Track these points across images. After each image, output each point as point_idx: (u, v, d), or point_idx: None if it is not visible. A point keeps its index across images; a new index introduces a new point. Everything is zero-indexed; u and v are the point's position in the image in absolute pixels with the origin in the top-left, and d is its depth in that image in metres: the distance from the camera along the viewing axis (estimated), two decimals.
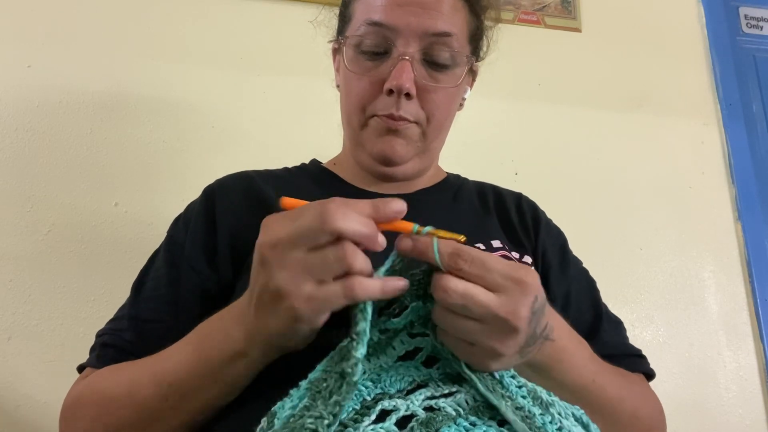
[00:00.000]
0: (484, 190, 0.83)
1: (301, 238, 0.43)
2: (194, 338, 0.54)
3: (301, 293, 0.43)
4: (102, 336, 0.65)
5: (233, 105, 1.24)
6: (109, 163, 1.15)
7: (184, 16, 1.27)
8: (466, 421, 0.42)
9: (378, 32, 0.68)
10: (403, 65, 0.66)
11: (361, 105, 0.70)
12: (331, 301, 0.43)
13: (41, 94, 1.16)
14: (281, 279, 0.43)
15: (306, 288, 0.43)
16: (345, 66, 0.71)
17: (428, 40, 0.68)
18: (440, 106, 0.71)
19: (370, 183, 0.76)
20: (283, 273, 0.43)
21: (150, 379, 0.54)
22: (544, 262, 0.75)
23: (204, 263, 0.66)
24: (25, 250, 1.08)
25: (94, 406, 0.57)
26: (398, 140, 0.70)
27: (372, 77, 0.69)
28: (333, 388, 0.41)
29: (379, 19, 0.67)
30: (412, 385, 0.47)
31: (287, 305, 0.43)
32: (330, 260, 0.43)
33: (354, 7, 0.73)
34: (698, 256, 1.41)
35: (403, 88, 0.66)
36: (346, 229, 0.42)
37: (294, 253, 0.43)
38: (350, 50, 0.70)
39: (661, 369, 1.33)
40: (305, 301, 0.43)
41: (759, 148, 1.54)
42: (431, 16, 0.67)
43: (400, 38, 0.67)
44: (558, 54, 1.48)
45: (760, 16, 1.67)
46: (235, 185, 0.73)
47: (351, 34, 0.71)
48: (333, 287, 0.43)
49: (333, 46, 0.80)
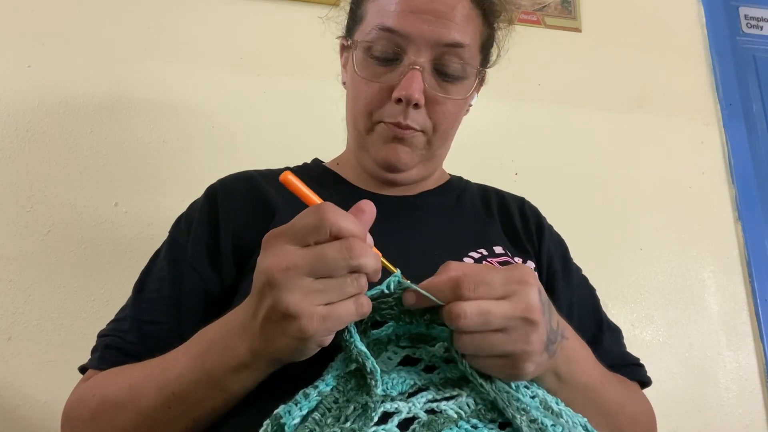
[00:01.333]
0: (487, 194, 0.83)
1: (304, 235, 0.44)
2: (196, 348, 0.54)
3: (315, 313, 0.43)
4: (104, 337, 0.65)
5: (233, 105, 1.24)
6: (109, 163, 1.15)
7: (184, 16, 1.27)
8: (468, 423, 0.42)
9: (390, 38, 0.66)
10: (414, 75, 0.65)
11: (369, 110, 0.70)
12: (345, 319, 0.44)
13: (41, 94, 1.15)
14: (292, 301, 0.43)
15: (319, 309, 0.43)
16: (354, 70, 0.70)
17: (440, 49, 0.66)
18: (447, 117, 0.70)
19: (374, 184, 0.75)
20: (295, 295, 0.43)
21: (153, 387, 0.54)
22: (550, 270, 0.75)
23: (206, 265, 0.66)
24: (25, 250, 1.08)
25: (95, 409, 0.57)
26: (403, 148, 0.70)
27: (381, 83, 0.68)
28: (350, 415, 0.42)
29: (391, 25, 0.66)
30: (414, 388, 0.47)
31: (297, 326, 0.43)
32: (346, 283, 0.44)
33: (366, 7, 0.71)
34: (698, 256, 1.41)
35: (412, 98, 0.65)
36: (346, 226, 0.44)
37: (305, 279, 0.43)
38: (360, 54, 0.69)
39: (661, 369, 1.34)
40: (319, 321, 0.43)
41: (759, 148, 1.54)
42: (445, 26, 0.66)
43: (412, 46, 0.66)
44: (558, 54, 1.48)
45: (760, 16, 1.67)
46: (237, 186, 0.73)
47: (362, 38, 0.69)
48: (347, 306, 0.44)
49: (341, 42, 0.79)
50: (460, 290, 0.44)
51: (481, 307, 0.44)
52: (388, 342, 0.51)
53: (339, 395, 0.44)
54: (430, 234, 0.71)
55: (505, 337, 0.45)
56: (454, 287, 0.45)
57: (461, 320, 0.44)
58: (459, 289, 0.45)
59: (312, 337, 0.43)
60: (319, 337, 0.44)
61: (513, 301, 0.45)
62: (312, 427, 0.41)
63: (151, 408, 0.53)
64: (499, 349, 0.45)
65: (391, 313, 0.49)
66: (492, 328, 0.44)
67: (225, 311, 0.63)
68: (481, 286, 0.45)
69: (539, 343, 0.46)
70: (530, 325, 0.45)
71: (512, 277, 0.46)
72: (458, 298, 0.44)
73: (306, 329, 0.42)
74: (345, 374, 0.46)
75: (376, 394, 0.43)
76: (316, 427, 0.41)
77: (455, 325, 0.44)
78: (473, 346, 0.45)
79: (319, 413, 0.42)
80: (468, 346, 0.46)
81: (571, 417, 0.47)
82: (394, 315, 0.49)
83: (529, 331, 0.45)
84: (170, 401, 0.52)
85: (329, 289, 0.43)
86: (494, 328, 0.44)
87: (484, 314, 0.44)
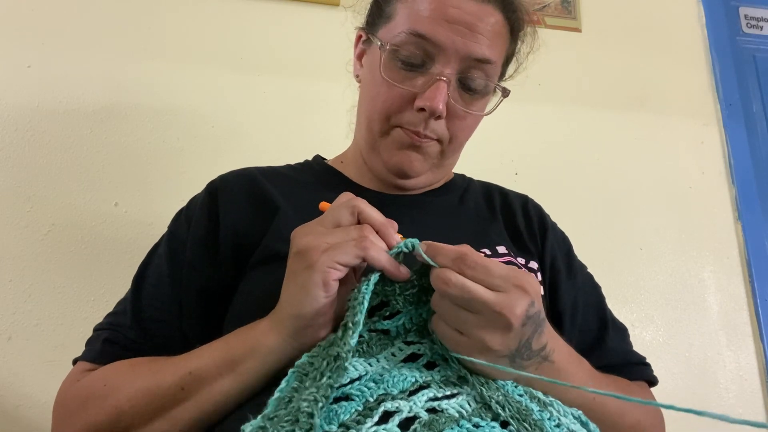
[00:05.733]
0: (490, 192, 0.82)
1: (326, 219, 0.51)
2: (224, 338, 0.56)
3: (320, 244, 0.48)
4: (102, 330, 0.64)
5: (233, 105, 1.24)
6: (109, 163, 1.15)
7: (183, 16, 1.27)
8: (469, 422, 0.42)
9: (420, 44, 0.65)
10: (440, 86, 0.64)
11: (387, 114, 0.68)
12: (344, 250, 0.47)
13: (41, 94, 1.15)
14: (306, 240, 0.49)
15: (325, 240, 0.48)
16: (379, 71, 0.67)
17: (468, 63, 0.65)
18: (465, 130, 0.70)
19: (378, 184, 0.75)
20: (308, 237, 0.49)
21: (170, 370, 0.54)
22: (553, 269, 0.75)
23: (206, 263, 0.66)
24: (25, 250, 1.08)
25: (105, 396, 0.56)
26: (417, 155, 0.69)
27: (404, 88, 0.66)
28: (324, 370, 0.42)
29: (425, 32, 0.64)
30: (415, 386, 0.46)
31: (308, 260, 0.48)
32: (349, 229, 0.49)
33: (396, 7, 0.69)
34: (698, 256, 1.41)
35: (436, 111, 0.64)
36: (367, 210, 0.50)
37: (319, 227, 0.50)
38: (387, 55, 0.67)
39: (661, 369, 1.34)
40: (323, 252, 0.47)
41: (759, 148, 1.54)
42: (477, 40, 0.64)
43: (442, 56, 0.64)
44: (558, 54, 1.48)
45: (760, 16, 1.68)
46: (238, 182, 0.72)
47: (390, 39, 0.67)
48: (349, 243, 0.48)
49: (359, 34, 0.76)
50: (461, 263, 0.47)
51: (466, 284, 0.46)
52: (396, 336, 0.51)
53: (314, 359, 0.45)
54: (432, 234, 0.71)
55: (474, 319, 0.47)
56: (456, 258, 0.47)
57: (443, 286, 0.47)
58: (461, 261, 0.47)
59: (318, 268, 0.47)
60: (324, 269, 0.47)
61: (500, 296, 0.46)
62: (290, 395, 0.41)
63: (164, 388, 0.53)
64: (462, 327, 0.47)
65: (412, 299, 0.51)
66: (468, 306, 0.47)
67: (224, 309, 0.63)
68: (480, 269, 0.47)
69: (502, 346, 0.47)
70: (502, 325, 0.46)
71: (514, 277, 0.47)
72: (457, 270, 0.47)
73: (314, 260, 0.47)
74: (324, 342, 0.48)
75: (347, 344, 0.44)
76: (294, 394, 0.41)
77: (436, 285, 0.48)
78: (442, 309, 0.49)
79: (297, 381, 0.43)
80: (438, 305, 0.49)
81: (562, 407, 0.48)
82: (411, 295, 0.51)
83: (498, 329, 0.47)
84: (185, 381, 0.52)
85: (335, 232, 0.49)
86: (469, 308, 0.47)
87: (466, 291, 0.46)
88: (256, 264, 0.63)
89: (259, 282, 0.61)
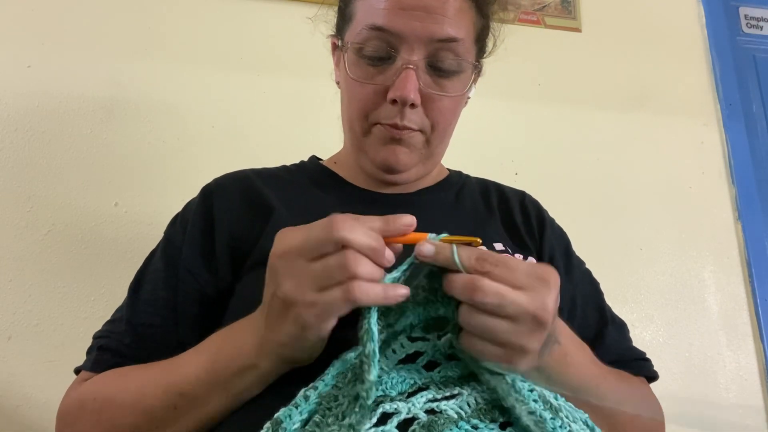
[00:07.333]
0: (487, 189, 0.82)
1: (307, 247, 0.44)
2: (205, 349, 0.54)
3: (305, 300, 0.43)
4: (99, 338, 0.65)
5: (233, 105, 1.24)
6: (109, 163, 1.15)
7: (183, 16, 1.27)
8: (468, 424, 0.42)
9: (381, 37, 0.65)
10: (408, 74, 0.63)
11: (364, 112, 0.68)
12: (332, 305, 0.43)
13: (41, 94, 1.15)
14: (287, 287, 0.44)
15: (309, 295, 0.43)
16: (346, 71, 0.68)
17: (434, 46, 0.64)
18: (445, 114, 0.69)
19: (372, 183, 0.74)
20: (290, 281, 0.44)
21: (159, 387, 0.54)
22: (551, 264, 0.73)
23: (202, 267, 0.65)
24: (25, 250, 1.08)
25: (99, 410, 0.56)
26: (402, 149, 0.68)
27: (375, 84, 0.66)
28: (346, 410, 0.41)
29: (382, 23, 0.64)
30: (414, 388, 0.46)
31: (295, 313, 0.44)
32: (332, 267, 0.43)
33: (355, 6, 0.69)
34: (698, 256, 1.41)
35: (407, 99, 0.63)
36: (351, 238, 0.43)
37: (299, 261, 0.44)
38: (352, 55, 0.67)
39: (661, 369, 1.32)
40: (308, 308, 0.43)
41: (759, 148, 1.54)
42: (437, 21, 0.64)
43: (405, 44, 0.64)
44: (558, 54, 1.48)
45: (760, 16, 1.67)
46: (233, 185, 0.72)
47: (352, 38, 0.67)
48: (333, 292, 0.43)
49: (332, 41, 0.77)
50: (485, 262, 0.43)
51: (500, 289, 0.42)
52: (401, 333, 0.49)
53: (339, 392, 0.43)
54: (428, 231, 0.71)
55: (512, 327, 0.43)
56: (480, 258, 0.44)
57: (478, 294, 0.42)
58: (484, 261, 0.43)
59: (307, 325, 0.44)
60: (313, 324, 0.44)
61: (530, 296, 0.43)
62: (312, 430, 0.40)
63: (156, 407, 0.53)
64: (501, 337, 0.44)
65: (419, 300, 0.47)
66: (504, 313, 0.43)
67: (221, 313, 0.63)
68: (503, 267, 0.43)
69: (538, 344, 0.45)
70: (538, 325, 0.44)
71: (536, 272, 0.45)
72: (480, 270, 0.43)
73: (302, 316, 0.43)
74: (346, 369, 0.45)
75: (368, 380, 0.41)
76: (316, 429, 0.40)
77: (470, 296, 0.43)
78: (475, 324, 0.44)
79: (320, 415, 0.42)
80: (469, 321, 0.44)
81: (571, 412, 0.47)
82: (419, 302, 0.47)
83: (534, 329, 0.44)
84: (176, 400, 0.52)
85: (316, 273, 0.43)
86: (505, 315, 0.43)
87: (501, 297, 0.42)
88: (252, 266, 0.63)
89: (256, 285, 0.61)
